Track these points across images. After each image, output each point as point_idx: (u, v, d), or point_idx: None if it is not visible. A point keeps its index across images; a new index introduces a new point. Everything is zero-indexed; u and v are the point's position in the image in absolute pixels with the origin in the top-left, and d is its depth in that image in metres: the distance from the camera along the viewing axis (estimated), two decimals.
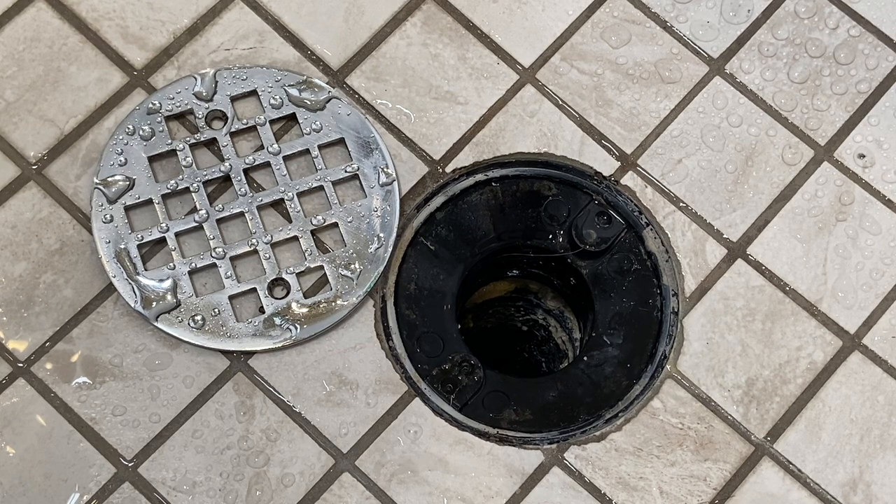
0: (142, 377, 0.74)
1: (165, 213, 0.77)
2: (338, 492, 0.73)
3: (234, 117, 0.79)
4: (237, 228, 0.77)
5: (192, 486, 0.73)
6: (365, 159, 0.78)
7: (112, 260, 0.75)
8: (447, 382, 0.77)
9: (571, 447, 0.75)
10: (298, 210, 0.77)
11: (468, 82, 0.81)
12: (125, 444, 0.73)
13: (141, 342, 0.75)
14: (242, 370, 0.75)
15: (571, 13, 0.83)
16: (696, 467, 0.75)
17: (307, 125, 0.79)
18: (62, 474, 0.73)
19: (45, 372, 0.74)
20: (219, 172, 0.78)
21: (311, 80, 0.80)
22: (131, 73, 0.80)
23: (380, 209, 0.78)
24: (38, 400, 0.73)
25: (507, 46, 0.82)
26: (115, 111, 0.79)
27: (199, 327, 0.75)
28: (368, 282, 0.76)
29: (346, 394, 0.75)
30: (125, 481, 0.73)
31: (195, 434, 0.74)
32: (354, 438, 0.74)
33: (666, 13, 0.84)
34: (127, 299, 0.75)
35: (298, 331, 0.75)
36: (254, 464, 0.73)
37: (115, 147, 0.77)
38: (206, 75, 0.79)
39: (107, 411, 0.74)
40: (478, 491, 0.74)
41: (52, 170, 0.78)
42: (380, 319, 0.77)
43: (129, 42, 0.80)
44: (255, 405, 0.74)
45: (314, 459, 0.74)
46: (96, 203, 0.76)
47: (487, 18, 0.83)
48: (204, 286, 0.76)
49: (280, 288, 0.76)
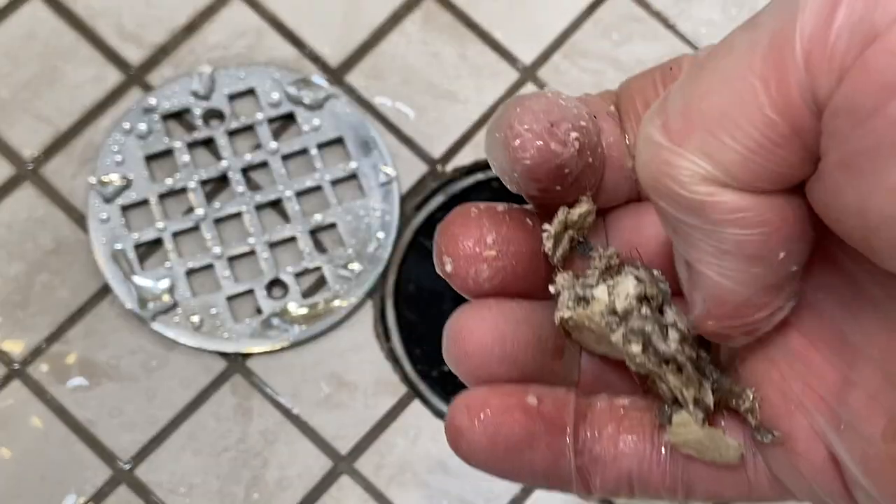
0: (138, 379, 0.74)
1: (162, 213, 0.76)
2: (336, 494, 0.73)
3: (232, 116, 0.78)
4: (235, 228, 0.77)
5: (190, 489, 0.72)
6: (364, 158, 0.78)
7: (108, 260, 0.75)
8: (447, 384, 0.76)
9: None
10: (297, 209, 0.77)
11: (468, 80, 0.80)
12: (122, 446, 0.73)
13: (137, 343, 0.74)
14: (240, 371, 0.74)
15: (573, 11, 0.83)
16: None
17: (306, 124, 0.78)
18: (58, 476, 0.72)
19: (40, 373, 0.73)
20: (216, 171, 0.77)
21: (309, 78, 0.79)
22: (128, 72, 0.79)
23: (379, 209, 0.77)
24: (33, 402, 0.73)
25: (507, 44, 0.81)
26: (112, 110, 0.78)
27: (196, 328, 0.74)
28: (367, 282, 0.76)
29: (344, 395, 0.74)
30: (121, 483, 0.72)
31: (192, 436, 0.73)
32: (353, 440, 0.74)
33: (668, 11, 0.83)
34: (123, 300, 0.74)
35: (296, 332, 0.74)
36: (251, 466, 0.73)
37: (112, 146, 0.77)
38: (203, 73, 0.79)
39: (103, 413, 0.73)
40: (478, 493, 0.73)
41: (47, 169, 0.77)
42: (379, 320, 0.76)
43: (126, 40, 0.80)
44: (253, 407, 0.74)
45: (312, 461, 0.73)
46: (92, 203, 0.76)
47: (488, 16, 0.82)
48: (201, 286, 0.75)
49: (278, 288, 0.76)
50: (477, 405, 0.24)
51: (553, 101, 0.24)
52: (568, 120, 0.24)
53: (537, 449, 0.24)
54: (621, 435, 0.25)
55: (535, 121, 0.23)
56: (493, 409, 0.24)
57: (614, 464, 0.25)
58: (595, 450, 0.25)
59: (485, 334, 0.25)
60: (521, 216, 0.26)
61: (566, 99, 0.24)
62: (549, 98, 0.24)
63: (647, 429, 0.25)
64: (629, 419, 0.25)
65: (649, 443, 0.25)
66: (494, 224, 0.25)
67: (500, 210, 0.26)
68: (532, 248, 0.25)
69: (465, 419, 0.24)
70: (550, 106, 0.24)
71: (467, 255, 0.25)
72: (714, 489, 0.25)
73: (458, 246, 0.25)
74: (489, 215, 0.25)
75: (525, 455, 0.24)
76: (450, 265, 0.25)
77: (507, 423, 0.24)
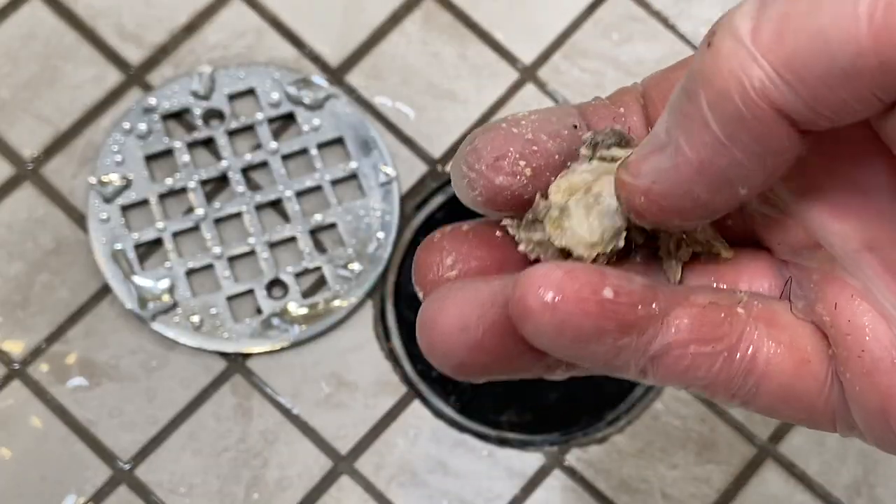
0: (138, 379, 0.74)
1: (162, 213, 0.76)
2: (336, 494, 0.73)
3: (232, 116, 0.78)
4: (235, 228, 0.77)
5: (190, 489, 0.72)
6: (364, 158, 0.78)
7: (108, 260, 0.75)
8: (447, 384, 0.76)
9: (573, 449, 0.75)
10: (297, 209, 0.77)
11: (468, 80, 0.80)
12: (122, 446, 0.73)
13: (137, 343, 0.74)
14: (240, 372, 0.74)
15: (573, 11, 0.83)
16: (699, 469, 0.75)
17: (306, 124, 0.78)
18: (58, 476, 0.72)
19: (40, 373, 0.73)
20: (216, 171, 0.77)
21: (309, 78, 0.79)
22: (128, 72, 0.79)
23: (379, 209, 0.77)
24: (33, 402, 0.73)
25: (507, 44, 0.81)
26: (112, 110, 0.78)
27: (196, 328, 0.74)
28: (367, 282, 0.76)
29: (344, 395, 0.74)
30: (121, 483, 0.72)
31: (192, 436, 0.73)
32: (353, 440, 0.74)
33: (668, 11, 0.83)
34: (123, 300, 0.74)
35: (297, 332, 0.74)
36: (251, 466, 0.73)
37: (112, 146, 0.77)
38: (203, 73, 0.79)
39: (103, 413, 0.73)
40: (478, 493, 0.73)
41: (47, 169, 0.77)
42: (379, 320, 0.76)
43: (126, 40, 0.80)
44: (253, 407, 0.74)
45: (312, 462, 0.73)
46: (92, 203, 0.76)
47: (488, 16, 0.82)
48: (201, 286, 0.75)
49: (278, 288, 0.76)
50: (550, 288, 0.23)
51: (501, 134, 0.25)
52: (516, 149, 0.25)
53: (604, 343, 0.24)
54: (693, 342, 0.25)
55: (479, 159, 0.24)
56: (567, 298, 0.23)
57: (680, 365, 0.25)
58: (664, 354, 0.24)
59: (448, 322, 0.25)
60: (489, 230, 0.26)
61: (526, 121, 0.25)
62: (500, 129, 0.25)
63: (721, 334, 0.25)
64: (705, 321, 0.25)
65: (724, 350, 0.25)
66: (455, 245, 0.26)
67: (465, 229, 0.26)
68: (501, 257, 0.26)
69: (536, 301, 0.23)
70: (497, 140, 0.25)
71: (432, 282, 0.25)
72: (780, 406, 0.25)
73: (422, 274, 0.26)
74: (451, 237, 0.26)
75: (591, 346, 0.24)
76: (420, 293, 0.26)
77: (578, 315, 0.23)
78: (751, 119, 0.21)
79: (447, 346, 0.25)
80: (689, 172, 0.22)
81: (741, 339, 0.25)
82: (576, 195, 0.25)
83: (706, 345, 0.24)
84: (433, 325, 0.25)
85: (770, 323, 0.25)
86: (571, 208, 0.25)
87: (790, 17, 0.21)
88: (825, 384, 0.25)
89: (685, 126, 0.22)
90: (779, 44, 0.21)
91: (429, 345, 0.25)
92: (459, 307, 0.25)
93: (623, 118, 0.26)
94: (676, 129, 0.23)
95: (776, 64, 0.21)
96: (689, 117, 0.22)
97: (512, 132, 0.25)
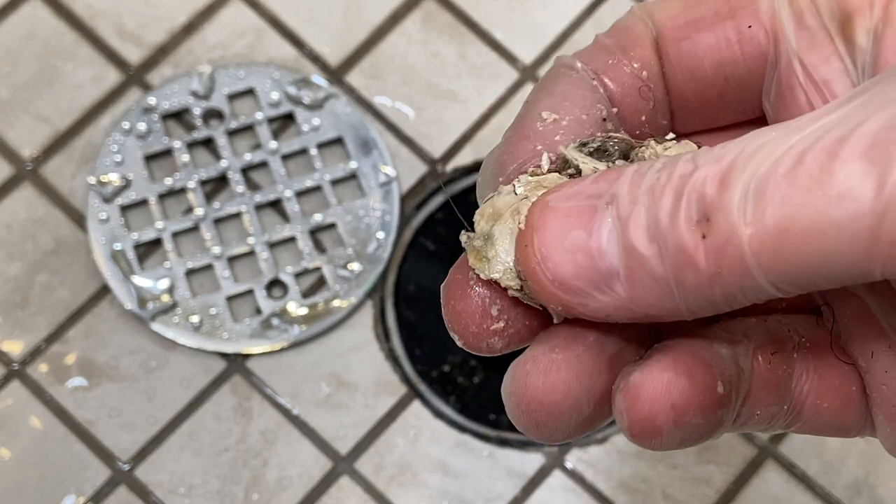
0: (138, 379, 0.74)
1: (162, 213, 0.76)
2: (336, 494, 0.73)
3: (232, 116, 0.78)
4: (234, 228, 0.77)
5: (189, 489, 0.72)
6: (364, 158, 0.78)
7: (108, 260, 0.75)
8: (447, 384, 0.76)
9: (573, 450, 0.75)
10: (296, 209, 0.77)
11: (468, 80, 0.80)
12: (121, 446, 0.73)
13: (137, 343, 0.74)
14: (240, 372, 0.74)
15: (573, 11, 0.83)
16: (699, 470, 0.74)
17: (305, 124, 0.78)
18: (57, 477, 0.72)
19: (40, 374, 0.73)
20: (216, 171, 0.77)
21: (309, 78, 0.79)
22: (127, 72, 0.79)
23: (379, 209, 0.77)
24: (32, 402, 0.73)
25: (507, 44, 0.81)
26: (111, 109, 0.78)
27: (195, 328, 0.74)
28: (367, 282, 0.76)
29: (344, 396, 0.74)
30: (121, 484, 0.72)
31: (192, 436, 0.73)
32: (353, 441, 0.73)
33: None
34: (123, 300, 0.74)
35: (296, 332, 0.74)
36: (251, 466, 0.73)
37: (111, 146, 0.77)
38: (203, 73, 0.78)
39: (102, 413, 0.73)
40: (478, 494, 0.73)
41: (47, 169, 0.77)
42: (379, 320, 0.76)
43: (126, 40, 0.80)
44: (253, 407, 0.74)
45: (312, 462, 0.73)
46: (92, 202, 0.76)
47: (488, 16, 0.82)
48: (201, 287, 0.75)
49: (278, 288, 0.76)
50: (673, 398, 0.22)
51: (471, 299, 0.24)
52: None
53: (713, 431, 0.23)
54: (761, 406, 0.25)
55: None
56: (694, 408, 0.22)
57: (749, 424, 0.25)
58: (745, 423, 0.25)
59: (555, 401, 0.23)
60: None
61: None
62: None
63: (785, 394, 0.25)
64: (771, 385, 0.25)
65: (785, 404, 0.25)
66: (495, 290, 0.24)
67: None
68: None
69: (668, 422, 0.22)
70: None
71: (475, 334, 0.24)
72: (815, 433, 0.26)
73: (462, 324, 0.24)
74: (487, 282, 0.24)
75: (698, 431, 0.23)
76: (460, 341, 0.24)
77: (700, 424, 0.23)
78: (723, 304, 0.21)
79: (558, 426, 0.23)
80: (626, 308, 0.22)
81: (795, 388, 0.25)
82: (500, 221, 0.23)
83: (772, 406, 0.25)
84: (539, 405, 0.23)
85: (819, 365, 0.25)
86: (496, 235, 0.23)
87: (792, 232, 0.19)
88: (863, 416, 0.26)
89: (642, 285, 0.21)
90: (781, 261, 0.20)
91: (535, 425, 0.24)
92: (566, 382, 0.23)
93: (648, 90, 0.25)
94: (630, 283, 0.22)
95: (777, 281, 0.20)
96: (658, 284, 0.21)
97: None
